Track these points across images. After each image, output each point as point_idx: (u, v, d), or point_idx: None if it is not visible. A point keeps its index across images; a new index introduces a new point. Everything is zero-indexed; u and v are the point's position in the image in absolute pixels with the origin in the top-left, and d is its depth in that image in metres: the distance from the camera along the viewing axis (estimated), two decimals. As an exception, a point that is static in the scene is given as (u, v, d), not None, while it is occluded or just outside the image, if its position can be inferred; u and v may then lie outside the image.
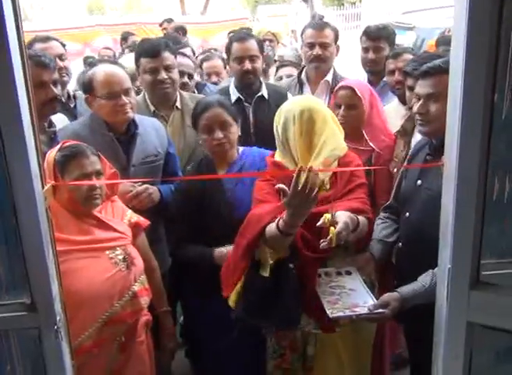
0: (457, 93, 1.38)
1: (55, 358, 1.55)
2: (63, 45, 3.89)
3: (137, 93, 3.56)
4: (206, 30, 11.87)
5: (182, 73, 3.60)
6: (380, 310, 2.17)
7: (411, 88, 2.84)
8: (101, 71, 2.81)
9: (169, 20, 8.09)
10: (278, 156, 2.56)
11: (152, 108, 3.31)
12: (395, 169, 2.87)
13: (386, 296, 2.21)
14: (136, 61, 3.30)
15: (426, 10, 10.77)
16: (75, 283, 2.21)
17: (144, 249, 2.64)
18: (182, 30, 7.29)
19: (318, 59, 3.70)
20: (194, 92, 3.91)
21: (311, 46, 3.71)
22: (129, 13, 22.16)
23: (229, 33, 7.28)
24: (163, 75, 3.20)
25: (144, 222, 2.63)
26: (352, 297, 2.28)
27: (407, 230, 2.50)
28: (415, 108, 2.41)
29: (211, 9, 20.47)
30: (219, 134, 2.66)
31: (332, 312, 2.18)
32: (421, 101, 2.38)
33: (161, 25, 8.31)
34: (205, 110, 2.70)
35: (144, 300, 2.49)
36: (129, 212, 2.62)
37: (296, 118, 2.38)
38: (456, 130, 1.39)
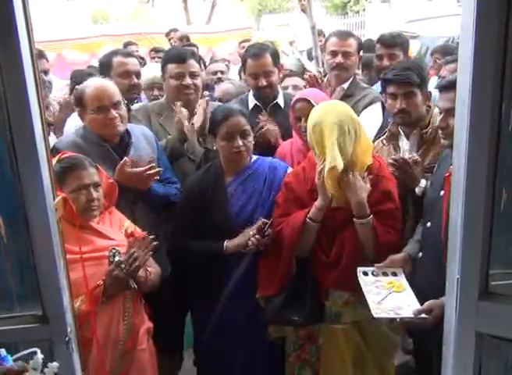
0: (465, 102, 1.39)
1: (67, 369, 1.56)
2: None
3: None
4: (211, 39, 11.88)
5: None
6: (423, 316, 2.15)
7: (393, 95, 2.88)
8: (90, 85, 2.85)
9: (175, 30, 8.12)
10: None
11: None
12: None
13: (431, 302, 2.18)
14: (163, 67, 3.39)
15: (430, 19, 10.77)
16: (79, 294, 2.23)
17: None
18: (186, 39, 7.34)
19: (339, 67, 3.74)
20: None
21: (334, 54, 3.76)
22: (135, 23, 22.23)
23: (240, 43, 7.41)
24: (188, 80, 3.27)
25: (140, 233, 2.64)
26: (396, 298, 2.30)
27: (427, 240, 2.48)
28: (438, 122, 2.44)
29: (215, 19, 20.56)
30: (239, 142, 2.73)
31: (376, 312, 2.21)
32: (442, 115, 2.40)
33: (167, 35, 8.35)
34: (227, 118, 2.75)
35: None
36: (127, 222, 2.66)
37: (311, 131, 2.54)
38: (464, 140, 1.40)
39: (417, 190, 2.68)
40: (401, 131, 2.98)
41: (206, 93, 3.34)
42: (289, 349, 2.79)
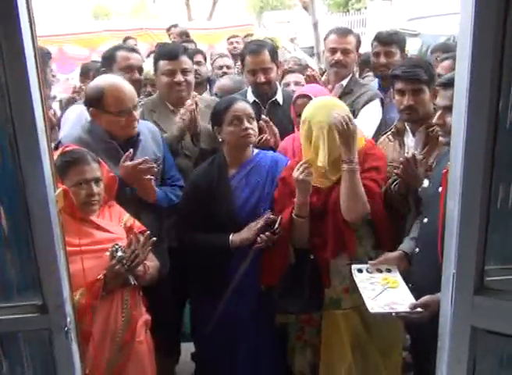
0: (463, 99, 1.40)
1: (66, 359, 1.58)
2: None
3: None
4: (212, 35, 11.88)
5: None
6: (419, 310, 2.17)
7: (400, 91, 2.89)
8: (111, 87, 2.78)
9: (176, 26, 8.12)
10: None
11: (171, 107, 3.36)
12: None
13: (427, 297, 2.19)
14: (155, 63, 3.38)
15: (431, 17, 10.75)
16: (78, 286, 2.24)
17: None
18: (185, 35, 7.34)
19: (338, 64, 3.77)
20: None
21: (333, 51, 3.79)
22: (136, 19, 22.18)
23: (228, 39, 7.40)
24: (180, 77, 3.27)
25: (139, 227, 2.66)
26: (391, 294, 2.33)
27: (424, 236, 2.48)
28: (435, 120, 2.46)
29: (216, 15, 20.52)
30: (248, 124, 2.77)
31: (372, 307, 2.25)
32: (439, 113, 2.41)
33: (168, 30, 8.35)
34: (232, 104, 2.81)
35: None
36: (127, 216, 2.67)
37: (302, 126, 2.69)
38: (462, 137, 1.41)
39: (420, 190, 2.69)
40: (407, 128, 2.99)
41: (194, 93, 3.34)
42: (291, 331, 2.87)
